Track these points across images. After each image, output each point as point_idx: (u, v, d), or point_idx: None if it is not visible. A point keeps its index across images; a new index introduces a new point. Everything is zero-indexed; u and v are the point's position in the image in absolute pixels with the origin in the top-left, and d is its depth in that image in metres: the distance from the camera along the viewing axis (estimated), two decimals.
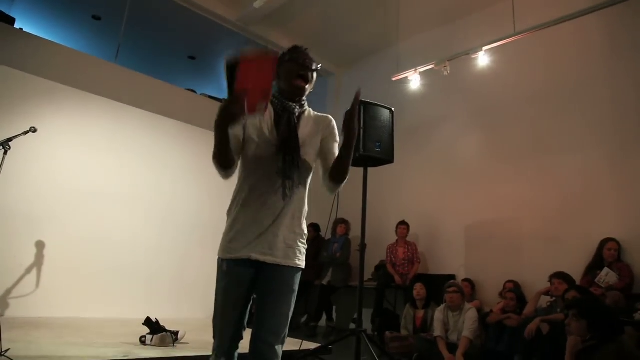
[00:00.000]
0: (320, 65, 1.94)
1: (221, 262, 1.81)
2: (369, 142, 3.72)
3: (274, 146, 1.80)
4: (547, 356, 3.69)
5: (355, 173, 3.86)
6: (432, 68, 5.69)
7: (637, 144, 4.74)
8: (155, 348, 3.37)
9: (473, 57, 5.38)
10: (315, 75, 1.92)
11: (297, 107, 1.90)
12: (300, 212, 1.87)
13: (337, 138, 1.96)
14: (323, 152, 1.94)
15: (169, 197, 5.75)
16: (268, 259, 1.76)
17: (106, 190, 5.33)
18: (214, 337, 1.80)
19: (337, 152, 1.92)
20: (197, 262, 5.37)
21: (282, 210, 1.80)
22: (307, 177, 1.90)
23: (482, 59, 5.38)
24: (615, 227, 4.68)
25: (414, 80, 6.00)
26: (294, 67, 1.85)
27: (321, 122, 1.96)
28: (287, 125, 1.83)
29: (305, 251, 1.89)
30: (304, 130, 1.90)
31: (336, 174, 1.86)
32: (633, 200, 4.66)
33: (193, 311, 5.29)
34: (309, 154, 1.89)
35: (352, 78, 8.35)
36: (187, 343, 3.64)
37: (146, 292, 5.21)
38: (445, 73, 5.57)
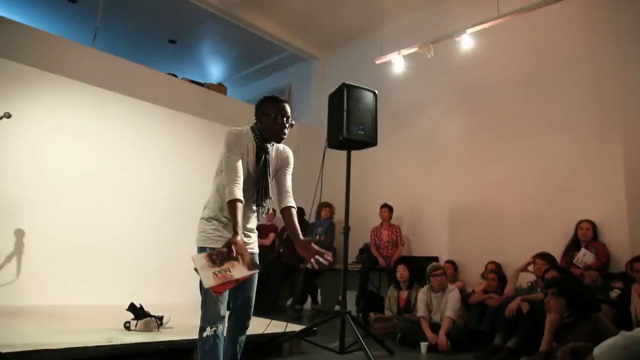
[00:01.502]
0: (293, 122, 2.45)
1: (212, 250, 2.18)
2: (352, 125, 3.72)
3: (254, 175, 2.36)
4: (527, 334, 3.78)
5: (338, 156, 3.91)
6: (416, 51, 5.69)
7: (617, 126, 4.83)
8: (139, 333, 3.36)
9: (457, 39, 5.38)
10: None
11: (269, 147, 2.43)
12: (255, 218, 2.51)
13: (291, 167, 2.54)
14: (278, 178, 2.50)
15: (151, 183, 5.68)
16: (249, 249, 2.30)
17: (87, 177, 5.25)
18: (207, 311, 2.19)
19: (287, 181, 2.51)
20: (181, 248, 5.33)
21: (254, 218, 2.48)
22: (269, 201, 2.45)
23: (466, 42, 5.39)
24: (594, 207, 4.78)
25: (398, 64, 5.99)
26: (277, 127, 2.36)
27: (280, 155, 2.50)
28: (263, 165, 2.37)
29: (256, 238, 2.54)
30: (272, 163, 2.46)
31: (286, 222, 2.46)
32: (611, 181, 4.75)
33: (177, 297, 5.28)
34: (271, 181, 2.46)
35: (337, 62, 8.31)
36: (172, 327, 3.64)
37: (130, 278, 5.18)
38: (429, 56, 5.57)
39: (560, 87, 5.30)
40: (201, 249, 2.26)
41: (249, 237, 2.45)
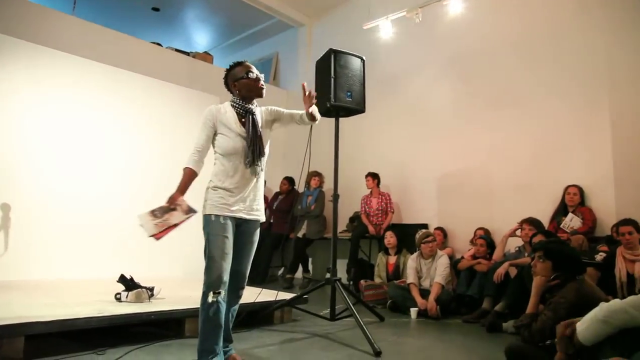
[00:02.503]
0: (263, 74, 2.60)
1: (217, 217, 2.39)
2: (340, 91, 3.67)
3: (244, 139, 2.46)
4: (515, 297, 3.85)
5: (326, 124, 3.85)
6: (404, 16, 5.59)
7: (604, 92, 4.81)
8: (130, 304, 3.36)
9: (445, 3, 5.29)
10: None
11: (253, 107, 2.57)
12: (262, 183, 2.62)
13: (278, 108, 2.71)
14: (285, 120, 2.71)
15: (138, 154, 5.60)
16: (247, 216, 2.49)
17: (72, 149, 5.15)
18: (210, 276, 2.32)
19: (287, 111, 2.70)
20: None
21: (254, 183, 2.52)
22: (265, 159, 2.57)
23: (454, 6, 5.31)
24: (581, 173, 4.82)
25: (386, 29, 5.89)
26: (254, 84, 2.53)
27: (264, 112, 2.65)
28: (252, 125, 2.49)
29: (263, 206, 2.64)
30: (260, 124, 2.57)
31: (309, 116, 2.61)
32: (598, 147, 4.78)
33: (168, 269, 5.28)
34: (265, 142, 2.58)
35: (324, 28, 8.15)
36: (163, 298, 3.64)
37: (120, 251, 5.14)
38: (417, 20, 5.49)
39: (549, 53, 5.25)
40: (206, 217, 2.40)
41: (255, 205, 2.54)
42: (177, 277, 5.10)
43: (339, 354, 2.95)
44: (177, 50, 7.34)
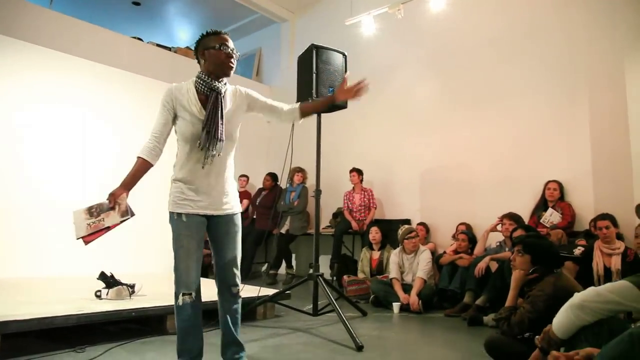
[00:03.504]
0: (239, 53, 2.31)
1: (179, 215, 2.17)
2: (322, 87, 3.67)
3: (202, 123, 2.16)
4: (496, 291, 3.90)
5: (308, 120, 3.83)
6: (386, 12, 5.60)
7: (583, 89, 4.88)
8: (111, 301, 3.32)
9: (427, 0, 5.31)
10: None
11: (222, 85, 2.24)
12: (230, 173, 2.34)
13: (257, 94, 2.43)
14: (261, 109, 2.43)
15: (119, 149, 5.52)
16: (216, 212, 2.25)
17: (50, 144, 5.07)
18: (179, 276, 2.14)
19: (268, 100, 2.44)
20: (152, 216, 5.26)
21: (218, 174, 2.25)
22: (230, 148, 2.28)
23: (436, 3, 5.33)
24: (561, 169, 4.89)
25: (368, 25, 5.90)
26: (223, 56, 2.20)
27: (236, 94, 2.34)
28: (213, 105, 2.17)
29: (236, 197, 2.38)
30: (229, 107, 2.28)
31: (308, 113, 2.48)
32: (577, 143, 4.85)
33: (150, 265, 5.23)
34: (234, 125, 2.29)
35: (307, 24, 8.13)
36: (145, 295, 3.61)
37: (101, 247, 5.06)
38: (399, 17, 5.50)
39: (529, 50, 5.31)
40: (170, 214, 2.20)
41: (224, 198, 2.27)
42: (158, 273, 5.05)
43: (321, 349, 2.96)
44: (158, 45, 7.25)
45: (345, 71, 3.88)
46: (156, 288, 3.90)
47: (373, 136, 6.68)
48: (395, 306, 4.35)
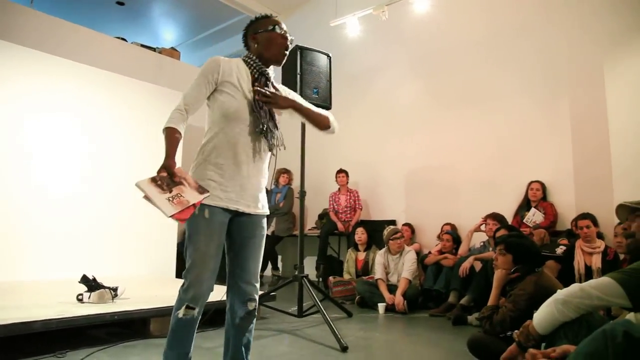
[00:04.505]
0: (293, 38, 2.08)
1: (201, 209, 1.80)
2: (306, 88, 3.67)
3: (253, 106, 1.91)
4: (480, 291, 3.94)
5: (293, 120, 3.84)
6: (371, 13, 5.63)
7: (564, 90, 4.95)
8: (93, 305, 3.28)
9: (411, 2, 5.35)
10: None
11: (270, 72, 2.03)
12: (265, 166, 2.03)
13: (295, 95, 2.21)
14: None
15: (102, 151, 5.46)
16: (247, 210, 1.91)
17: (32, 146, 4.97)
18: (192, 284, 1.80)
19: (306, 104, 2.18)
20: (135, 219, 5.21)
21: (260, 166, 1.96)
22: (278, 136, 2.04)
23: (420, 5, 5.36)
24: (544, 169, 4.96)
25: (353, 26, 5.92)
26: (280, 40, 2.00)
27: (282, 90, 2.13)
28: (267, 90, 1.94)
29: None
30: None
31: (315, 126, 2.23)
32: (559, 144, 4.92)
33: (133, 268, 5.18)
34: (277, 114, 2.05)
35: (292, 25, 7.98)
36: (128, 298, 3.57)
37: (83, 250, 5.02)
38: (384, 18, 5.53)
39: (512, 53, 5.37)
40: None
41: (260, 194, 1.98)
42: (141, 275, 5.01)
43: (306, 351, 2.96)
44: (142, 45, 7.18)
45: (330, 72, 3.89)
46: (139, 291, 3.86)
47: (358, 137, 6.70)
48: (381, 307, 4.36)
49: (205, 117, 1.98)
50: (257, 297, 1.95)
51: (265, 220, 2.02)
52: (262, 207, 1.99)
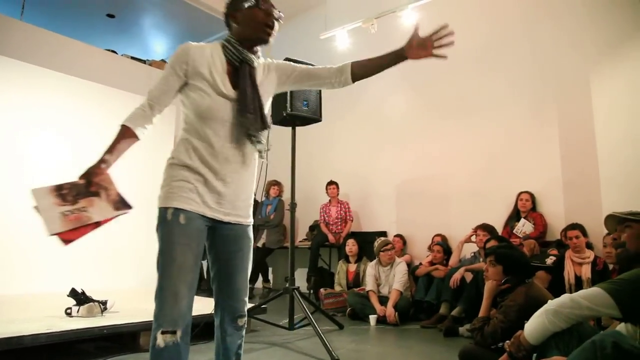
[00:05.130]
0: (281, 12, 1.80)
1: (175, 213, 1.58)
2: (296, 101, 3.69)
3: (231, 102, 1.66)
4: (471, 302, 3.94)
5: (283, 133, 3.87)
6: (360, 26, 5.68)
7: (552, 101, 5.03)
8: (82, 319, 3.24)
9: (399, 15, 5.41)
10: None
11: (255, 57, 1.77)
12: (254, 171, 1.79)
13: (288, 63, 1.94)
14: (302, 78, 1.89)
15: (89, 162, 5.42)
16: (227, 218, 1.69)
17: (21, 157, 4.94)
18: (163, 305, 1.54)
19: (310, 67, 1.91)
20: (125, 230, 5.16)
21: (242, 171, 1.71)
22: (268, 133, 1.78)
23: (408, 17, 5.42)
24: (533, 180, 5.00)
25: (342, 39, 5.98)
26: (261, 15, 1.73)
27: (266, 70, 1.85)
28: (249, 79, 1.70)
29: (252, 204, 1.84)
30: (261, 83, 1.78)
31: (364, 72, 2.05)
32: (547, 154, 4.97)
33: (123, 281, 5.13)
34: (266, 106, 1.80)
35: (282, 37, 8.06)
36: (117, 312, 3.53)
37: (71, 263, 4.95)
38: (373, 31, 5.58)
39: (500, 65, 5.45)
40: (161, 211, 1.62)
41: (241, 202, 1.72)
42: (131, 288, 4.96)
43: None
44: (133, 58, 7.19)
45: None
46: (129, 304, 3.83)
47: (348, 149, 6.73)
48: (372, 318, 4.35)
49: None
50: (246, 312, 1.78)
51: (251, 230, 1.79)
52: (249, 215, 1.77)
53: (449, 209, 5.66)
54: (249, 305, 1.89)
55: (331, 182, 6.26)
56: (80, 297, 3.46)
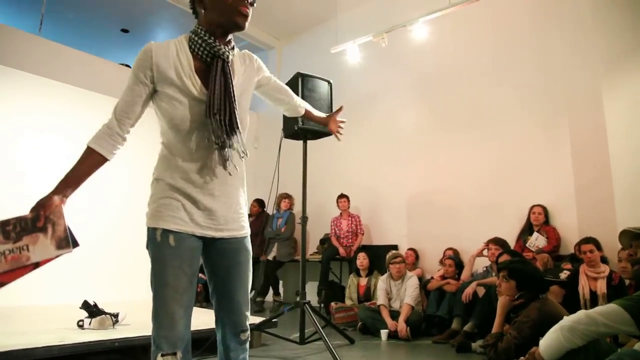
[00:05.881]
0: None
1: (164, 234, 1.49)
2: None
3: (201, 106, 1.49)
4: (483, 317, 3.89)
5: (295, 146, 3.89)
6: (371, 40, 5.72)
7: (564, 113, 4.99)
8: (93, 331, 3.25)
9: (409, 29, 5.43)
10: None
11: (228, 49, 1.55)
12: (242, 177, 1.67)
13: (265, 68, 1.79)
14: (270, 94, 1.84)
15: (99, 175, 5.47)
16: (220, 234, 1.57)
17: (36, 170, 5.01)
18: (160, 326, 1.47)
19: (280, 84, 1.87)
20: (135, 242, 5.19)
21: (229, 180, 1.59)
22: (244, 136, 1.61)
23: (419, 31, 5.45)
24: (546, 192, 4.95)
25: (353, 53, 6.01)
26: (231, 2, 1.49)
27: (246, 63, 1.68)
28: (221, 78, 1.50)
29: (247, 213, 1.73)
30: (238, 81, 1.60)
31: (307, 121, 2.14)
32: (560, 166, 4.92)
33: (134, 293, 5.14)
34: (244, 108, 1.62)
35: (293, 51, 8.26)
36: (129, 324, 3.54)
37: (84, 275, 5.00)
38: (383, 45, 5.60)
39: (510, 78, 5.44)
40: (150, 231, 1.52)
41: (232, 214, 1.60)
42: (142, 300, 4.93)
43: None
44: None
45: (331, 99, 3.93)
46: (140, 316, 3.82)
47: (359, 162, 6.73)
48: (383, 333, 4.31)
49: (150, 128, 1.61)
50: (248, 327, 1.68)
51: (248, 240, 1.67)
52: (244, 227, 1.65)
53: (461, 222, 5.62)
54: (254, 320, 1.84)
55: (342, 195, 6.26)
56: (92, 310, 3.48)
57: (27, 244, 1.37)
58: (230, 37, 1.58)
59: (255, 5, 1.57)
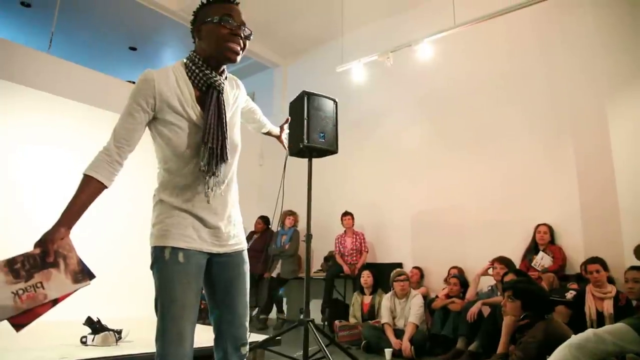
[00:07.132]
0: (251, 32, 1.64)
1: (173, 252, 1.52)
2: (313, 133, 3.72)
3: (198, 132, 1.56)
4: (488, 337, 3.85)
5: (300, 164, 3.90)
6: (376, 59, 5.77)
7: (569, 132, 5.00)
8: (97, 348, 3.24)
9: (415, 48, 5.49)
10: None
11: (222, 79, 1.62)
12: (235, 194, 1.73)
13: (246, 94, 1.88)
14: (248, 115, 2.05)
15: (106, 191, 5.52)
16: (223, 250, 1.64)
17: (43, 186, 5.05)
18: (164, 346, 1.48)
19: (257, 109, 2.10)
20: (141, 257, 5.19)
21: (226, 198, 1.65)
22: (235, 160, 1.69)
23: (424, 51, 5.50)
24: (550, 211, 4.94)
25: (358, 72, 6.06)
26: (225, 33, 1.55)
27: (235, 88, 1.76)
28: (215, 109, 1.56)
29: (242, 227, 1.79)
30: (230, 108, 1.69)
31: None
32: (565, 186, 4.92)
33: (138, 310, 5.13)
34: (236, 132, 1.69)
35: (298, 70, 8.34)
36: (132, 341, 3.53)
37: (87, 291, 4.99)
38: (389, 64, 5.65)
39: (515, 96, 5.47)
40: (156, 249, 1.56)
41: (232, 230, 1.68)
42: (146, 317, 4.92)
43: None
44: None
45: (336, 117, 3.95)
46: (144, 333, 3.79)
47: (364, 180, 6.74)
48: (387, 352, 4.27)
49: (153, 149, 1.64)
50: (248, 340, 1.69)
51: (246, 253, 1.74)
52: (241, 241, 1.72)
53: (465, 241, 5.60)
54: (257, 337, 1.87)
55: (346, 213, 6.26)
56: (95, 326, 3.47)
57: (40, 281, 1.33)
58: (223, 67, 1.64)
59: (251, 38, 1.64)
